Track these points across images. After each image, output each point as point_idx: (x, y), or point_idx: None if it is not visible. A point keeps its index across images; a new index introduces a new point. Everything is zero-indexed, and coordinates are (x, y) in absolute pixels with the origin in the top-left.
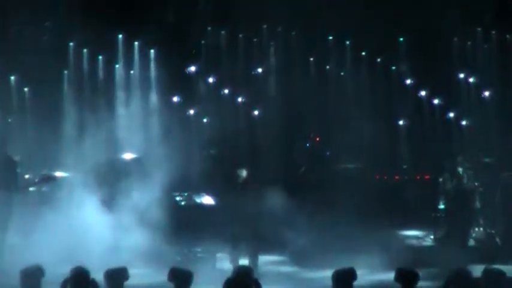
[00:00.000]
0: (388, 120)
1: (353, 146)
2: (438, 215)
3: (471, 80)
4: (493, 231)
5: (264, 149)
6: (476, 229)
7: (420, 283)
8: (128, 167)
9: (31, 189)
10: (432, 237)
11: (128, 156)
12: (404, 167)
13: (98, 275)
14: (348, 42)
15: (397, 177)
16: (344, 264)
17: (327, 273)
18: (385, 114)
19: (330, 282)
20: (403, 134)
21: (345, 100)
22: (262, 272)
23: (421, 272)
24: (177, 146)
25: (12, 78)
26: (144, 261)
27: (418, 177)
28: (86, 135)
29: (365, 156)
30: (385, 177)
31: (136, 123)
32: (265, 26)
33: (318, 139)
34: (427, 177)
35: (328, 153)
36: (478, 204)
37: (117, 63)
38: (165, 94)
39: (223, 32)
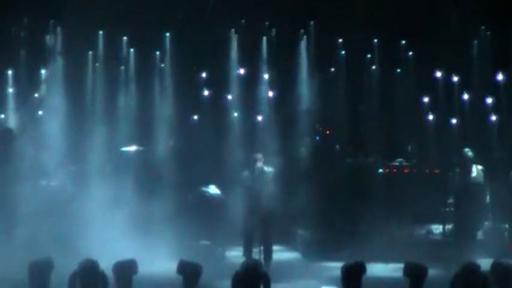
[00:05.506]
0: (397, 113)
1: (363, 139)
2: (447, 209)
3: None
4: (502, 226)
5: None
6: (486, 223)
7: (429, 277)
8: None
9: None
10: (441, 231)
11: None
12: (414, 160)
13: (107, 268)
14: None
15: (406, 170)
16: (353, 257)
17: (336, 266)
18: (395, 107)
19: (339, 276)
20: (413, 127)
21: (356, 93)
22: (272, 264)
23: (429, 266)
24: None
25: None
26: (153, 254)
27: (427, 171)
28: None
29: (375, 150)
30: (395, 171)
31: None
32: (267, 23)
33: (328, 132)
34: (436, 171)
35: (337, 146)
36: (487, 199)
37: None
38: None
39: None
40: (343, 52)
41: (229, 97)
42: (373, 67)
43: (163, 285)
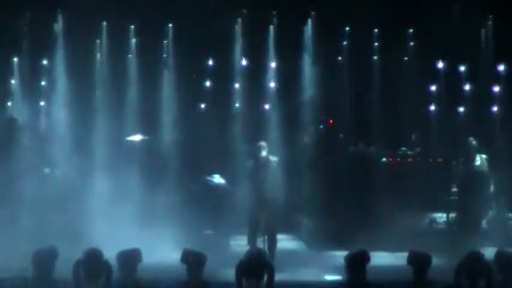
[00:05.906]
0: (401, 102)
1: (366, 129)
2: (451, 198)
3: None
4: (506, 215)
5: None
6: (490, 212)
7: (432, 266)
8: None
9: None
10: (445, 220)
11: (137, 138)
12: (418, 149)
13: (112, 257)
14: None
15: (409, 159)
16: (357, 246)
17: (340, 255)
18: (399, 97)
19: (343, 265)
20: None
21: (359, 82)
22: (276, 253)
23: (433, 255)
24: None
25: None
26: (157, 243)
27: (431, 160)
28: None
29: (378, 139)
30: (398, 160)
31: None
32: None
33: (331, 122)
34: (440, 160)
35: (341, 135)
36: (491, 188)
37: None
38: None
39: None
40: (345, 43)
41: (237, 86)
42: (375, 57)
43: (168, 273)
